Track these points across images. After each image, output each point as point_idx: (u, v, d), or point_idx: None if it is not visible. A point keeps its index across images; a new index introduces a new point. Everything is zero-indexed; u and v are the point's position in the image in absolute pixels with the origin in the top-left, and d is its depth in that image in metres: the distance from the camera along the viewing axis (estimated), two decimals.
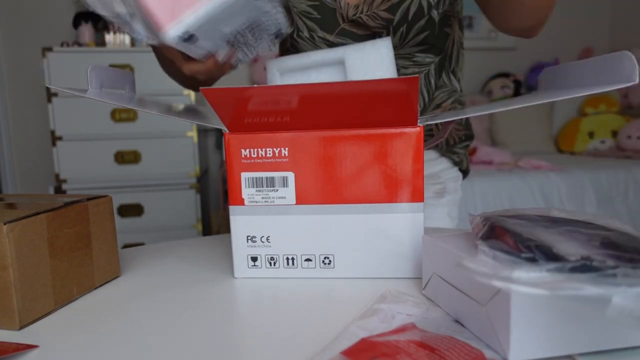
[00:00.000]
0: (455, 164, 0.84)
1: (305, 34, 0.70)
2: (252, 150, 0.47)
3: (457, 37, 0.80)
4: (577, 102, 3.00)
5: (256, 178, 0.48)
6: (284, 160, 0.47)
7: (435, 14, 0.72)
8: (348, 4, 0.69)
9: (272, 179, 0.48)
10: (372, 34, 0.71)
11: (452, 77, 0.79)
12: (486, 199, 2.01)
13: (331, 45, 0.73)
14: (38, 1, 2.61)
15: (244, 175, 0.48)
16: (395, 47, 0.73)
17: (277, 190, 0.48)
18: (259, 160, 0.47)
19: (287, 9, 0.69)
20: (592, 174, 2.13)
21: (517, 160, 2.30)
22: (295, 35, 0.70)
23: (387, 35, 0.71)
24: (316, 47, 0.73)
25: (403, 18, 0.70)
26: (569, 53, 3.24)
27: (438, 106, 0.79)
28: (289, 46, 0.77)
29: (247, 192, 0.48)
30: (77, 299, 0.46)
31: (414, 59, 0.75)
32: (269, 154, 0.47)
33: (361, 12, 0.69)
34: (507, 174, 2.11)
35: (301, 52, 0.74)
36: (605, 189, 2.13)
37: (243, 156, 0.47)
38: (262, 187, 0.48)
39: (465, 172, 0.87)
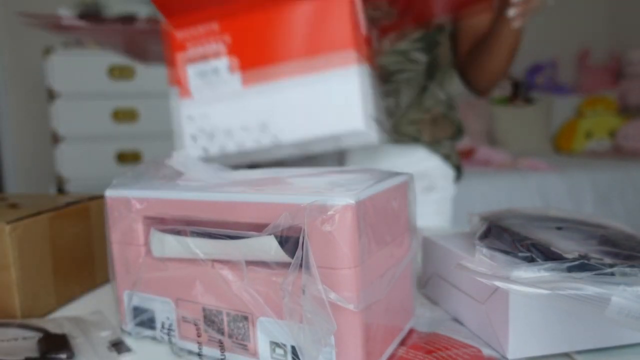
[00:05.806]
0: (446, 157, 0.85)
1: None
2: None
3: (447, 54, 0.82)
4: (575, 102, 3.00)
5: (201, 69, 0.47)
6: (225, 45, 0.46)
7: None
8: None
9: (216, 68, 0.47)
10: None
11: (440, 89, 0.81)
12: (485, 199, 2.02)
13: None
14: (40, 1, 2.61)
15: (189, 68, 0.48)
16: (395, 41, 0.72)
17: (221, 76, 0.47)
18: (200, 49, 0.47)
19: None
20: (590, 174, 2.14)
21: (516, 160, 2.30)
22: None
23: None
24: None
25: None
26: (566, 54, 3.24)
27: (428, 110, 0.80)
28: None
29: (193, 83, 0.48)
30: (79, 297, 0.46)
31: (410, 57, 0.76)
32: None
33: None
34: (506, 174, 2.11)
35: None
36: (603, 189, 2.13)
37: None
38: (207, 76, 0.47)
39: (458, 169, 0.88)
